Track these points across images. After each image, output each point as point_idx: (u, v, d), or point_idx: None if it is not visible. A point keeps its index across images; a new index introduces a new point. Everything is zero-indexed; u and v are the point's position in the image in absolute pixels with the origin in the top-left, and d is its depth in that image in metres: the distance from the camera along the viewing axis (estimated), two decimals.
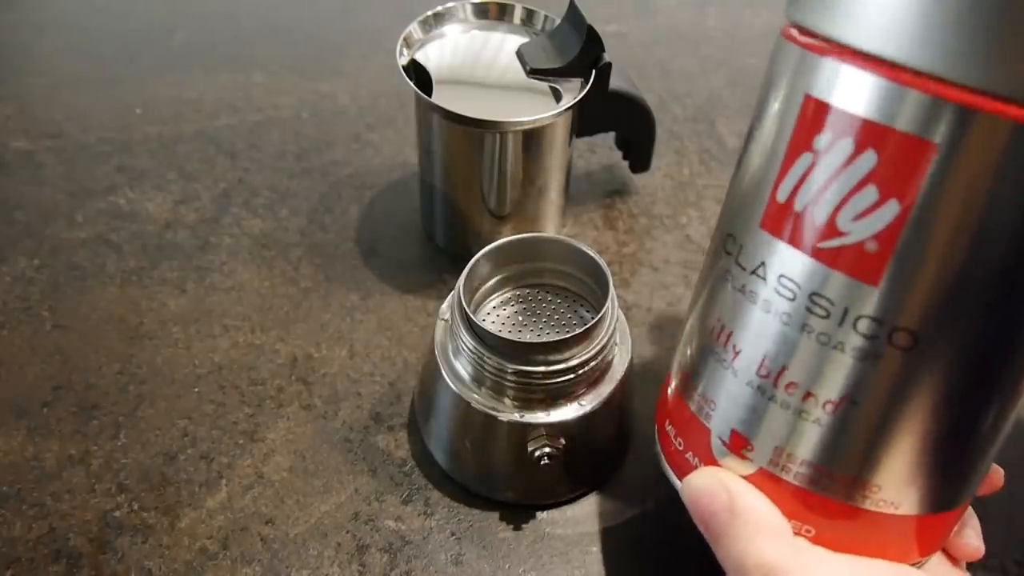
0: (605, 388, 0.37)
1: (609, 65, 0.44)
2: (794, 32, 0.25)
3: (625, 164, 0.54)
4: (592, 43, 0.43)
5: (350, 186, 0.55)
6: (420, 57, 0.45)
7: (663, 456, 0.33)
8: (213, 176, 0.55)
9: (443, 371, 0.37)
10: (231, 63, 0.64)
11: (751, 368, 0.27)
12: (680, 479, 0.31)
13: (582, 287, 0.41)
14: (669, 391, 0.33)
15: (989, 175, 0.21)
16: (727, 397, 0.29)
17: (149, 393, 0.43)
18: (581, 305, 0.41)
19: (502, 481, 0.39)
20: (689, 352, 0.31)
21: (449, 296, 0.38)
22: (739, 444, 0.28)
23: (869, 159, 0.23)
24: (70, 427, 0.42)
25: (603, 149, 0.58)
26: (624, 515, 0.40)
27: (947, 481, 0.27)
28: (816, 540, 0.28)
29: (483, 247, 0.39)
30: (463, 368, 0.37)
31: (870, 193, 0.23)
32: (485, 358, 0.35)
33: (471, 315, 0.35)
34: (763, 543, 0.26)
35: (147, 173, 0.55)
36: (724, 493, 0.28)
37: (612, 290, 0.37)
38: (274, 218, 0.53)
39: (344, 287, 0.49)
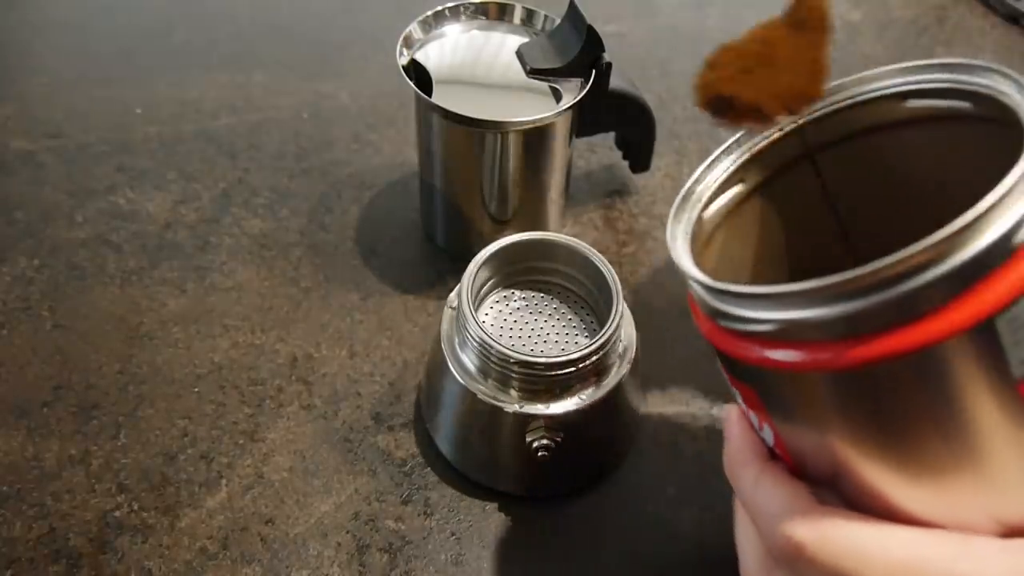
0: (606, 385, 0.38)
1: (609, 65, 0.44)
2: None
3: (625, 164, 0.54)
4: (592, 43, 0.43)
5: (350, 186, 0.55)
6: (420, 57, 0.45)
7: None
8: (213, 176, 0.55)
9: (449, 363, 0.38)
10: (231, 63, 0.64)
11: None
12: None
13: (582, 287, 0.41)
14: None
15: (800, 408, 0.24)
16: None
17: (149, 393, 0.43)
18: (582, 307, 0.41)
19: (507, 472, 0.39)
20: None
21: (457, 287, 0.38)
22: None
23: (738, 392, 0.26)
24: (70, 427, 0.42)
25: (603, 149, 0.58)
26: (624, 514, 0.40)
27: None
28: None
29: (483, 247, 0.39)
30: (469, 360, 0.37)
31: (754, 416, 0.26)
32: (491, 350, 0.35)
33: (475, 314, 0.36)
34: None
35: (147, 173, 0.55)
36: None
37: (619, 287, 0.37)
38: (274, 218, 0.53)
39: (344, 287, 0.49)
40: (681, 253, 0.25)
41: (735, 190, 0.29)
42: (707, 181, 0.28)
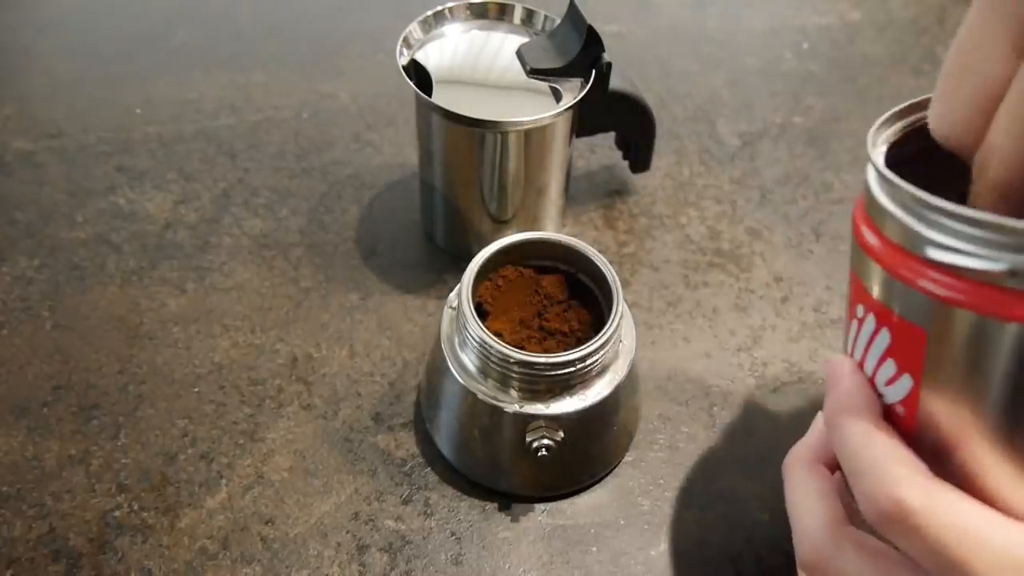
0: (606, 384, 0.38)
1: (609, 65, 0.44)
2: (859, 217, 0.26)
3: (625, 164, 0.54)
4: (592, 43, 0.43)
5: (350, 186, 0.55)
6: (420, 57, 0.45)
7: None
8: (213, 176, 0.55)
9: (449, 363, 0.38)
10: (231, 63, 0.64)
11: None
12: None
13: (582, 287, 0.41)
14: None
15: (971, 359, 0.22)
16: None
17: (149, 393, 0.43)
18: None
19: (507, 472, 0.39)
20: None
21: (457, 286, 0.38)
22: None
23: (886, 337, 0.24)
24: (70, 427, 0.42)
25: (603, 149, 0.58)
26: (624, 514, 0.40)
27: None
28: None
29: (483, 247, 0.39)
30: (469, 360, 0.37)
31: (891, 366, 0.24)
32: (491, 350, 0.35)
33: (475, 313, 0.36)
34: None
35: (147, 173, 0.55)
36: None
37: (619, 287, 0.37)
38: (274, 218, 0.53)
39: (344, 287, 0.49)
40: (890, 170, 0.22)
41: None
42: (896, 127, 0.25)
